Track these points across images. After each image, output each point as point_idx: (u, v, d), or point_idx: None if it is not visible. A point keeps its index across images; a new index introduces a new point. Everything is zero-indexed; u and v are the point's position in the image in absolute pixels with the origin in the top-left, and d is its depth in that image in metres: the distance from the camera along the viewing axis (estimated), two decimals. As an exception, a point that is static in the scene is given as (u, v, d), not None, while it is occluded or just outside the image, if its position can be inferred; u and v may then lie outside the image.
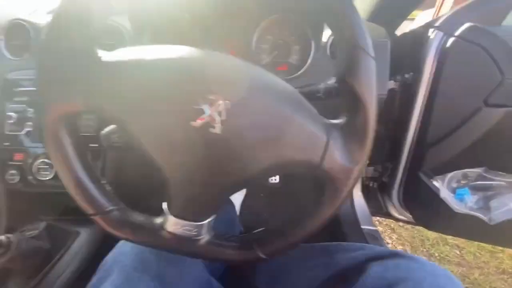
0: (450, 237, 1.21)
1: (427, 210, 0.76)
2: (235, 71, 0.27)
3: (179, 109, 0.26)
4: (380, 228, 1.26)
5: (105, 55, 0.27)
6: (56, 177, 0.52)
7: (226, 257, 0.32)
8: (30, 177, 0.52)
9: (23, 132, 0.52)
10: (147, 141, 0.27)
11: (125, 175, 0.37)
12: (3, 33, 0.57)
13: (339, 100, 0.35)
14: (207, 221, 0.31)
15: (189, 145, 0.27)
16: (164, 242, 0.31)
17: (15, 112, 0.52)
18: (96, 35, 0.28)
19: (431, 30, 0.65)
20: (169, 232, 0.31)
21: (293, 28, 0.55)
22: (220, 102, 0.25)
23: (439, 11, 1.95)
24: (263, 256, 0.32)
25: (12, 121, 0.51)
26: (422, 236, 1.25)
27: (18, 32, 0.57)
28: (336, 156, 0.29)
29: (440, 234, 1.25)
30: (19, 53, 0.56)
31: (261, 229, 0.34)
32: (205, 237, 0.32)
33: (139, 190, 0.49)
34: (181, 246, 0.31)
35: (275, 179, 0.69)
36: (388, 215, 0.96)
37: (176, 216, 0.30)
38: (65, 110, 0.27)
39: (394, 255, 0.37)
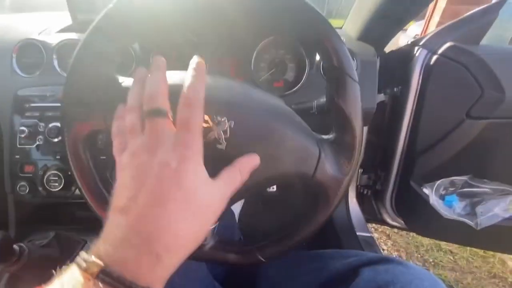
0: (443, 243, 1.24)
1: (418, 216, 0.79)
2: (239, 95, 0.31)
3: None
4: (375, 235, 1.29)
5: (125, 80, 0.31)
6: (65, 187, 0.54)
7: (229, 260, 0.35)
8: (40, 188, 0.55)
9: (33, 146, 0.55)
10: None
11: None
12: (15, 51, 0.60)
13: (330, 117, 0.39)
14: (211, 227, 0.35)
15: None
16: None
17: (27, 126, 0.55)
18: (116, 62, 0.31)
19: (416, 48, 0.70)
20: None
21: (288, 48, 0.59)
22: (226, 122, 0.29)
23: (428, 23, 2.04)
24: (262, 259, 0.35)
25: (23, 135, 0.54)
26: (416, 242, 1.28)
27: (30, 50, 0.61)
28: (328, 168, 0.32)
29: (434, 240, 1.28)
30: (31, 71, 0.60)
31: (260, 235, 0.37)
32: (210, 243, 0.35)
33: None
34: None
35: (273, 187, 0.72)
36: (382, 222, 1.00)
37: None
38: (87, 128, 0.31)
39: (385, 260, 0.40)
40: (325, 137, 0.34)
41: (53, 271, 0.46)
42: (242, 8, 0.38)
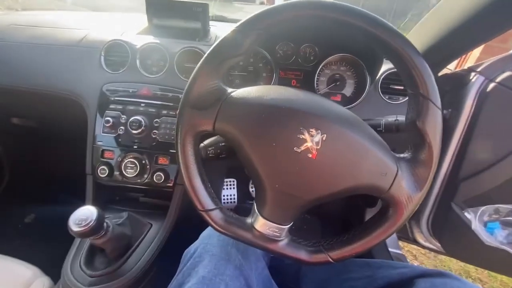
0: (473, 270, 1.21)
1: (457, 241, 0.79)
2: (331, 110, 0.35)
3: (287, 137, 0.34)
4: (402, 253, 1.28)
5: (234, 92, 0.36)
6: (138, 174, 0.61)
7: (300, 257, 0.39)
8: (117, 173, 0.62)
9: (115, 135, 0.62)
10: (257, 158, 0.35)
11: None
12: (104, 50, 0.68)
13: (396, 135, 0.42)
14: (288, 226, 0.39)
15: (290, 165, 0.34)
16: (252, 238, 0.39)
17: (111, 117, 0.62)
18: (226, 75, 0.37)
19: (472, 74, 0.71)
20: (258, 231, 0.38)
21: (350, 65, 0.63)
22: (319, 134, 0.33)
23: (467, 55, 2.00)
24: (331, 260, 0.39)
25: (108, 125, 0.61)
26: (444, 266, 1.25)
27: (116, 50, 0.68)
28: (403, 184, 0.36)
29: (463, 266, 1.25)
30: (115, 68, 0.67)
31: (332, 237, 0.41)
32: (285, 239, 0.39)
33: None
34: (266, 244, 0.39)
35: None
36: (414, 241, 0.99)
37: (266, 218, 0.38)
38: (197, 129, 0.36)
39: (441, 274, 0.42)
40: (402, 155, 0.37)
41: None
42: (325, 29, 0.42)
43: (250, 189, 1.09)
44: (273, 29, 0.34)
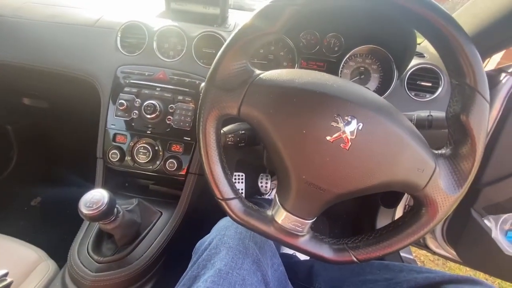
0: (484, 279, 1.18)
1: (474, 248, 0.76)
2: (369, 99, 0.33)
3: (319, 124, 0.31)
4: (410, 259, 1.25)
5: (262, 73, 0.33)
6: (150, 161, 0.59)
7: (323, 255, 0.37)
8: (128, 158, 0.60)
9: (128, 119, 0.60)
10: (284, 146, 0.33)
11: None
12: (120, 31, 0.66)
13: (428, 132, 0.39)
14: (311, 221, 0.36)
15: (320, 155, 0.32)
16: (272, 232, 0.36)
17: (125, 100, 0.60)
18: (253, 57, 0.34)
19: (503, 75, 0.67)
20: (278, 224, 0.36)
21: (376, 58, 0.60)
22: (354, 123, 0.31)
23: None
24: (356, 260, 0.36)
25: (121, 108, 0.59)
26: (453, 274, 1.22)
27: (133, 31, 0.66)
28: (440, 183, 0.33)
29: (472, 275, 1.22)
30: (131, 50, 0.65)
31: (357, 236, 0.38)
32: (306, 235, 0.37)
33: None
34: (286, 238, 0.36)
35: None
36: (424, 247, 0.96)
37: (288, 211, 0.35)
38: (221, 112, 0.34)
39: (473, 281, 0.39)
40: (440, 151, 0.34)
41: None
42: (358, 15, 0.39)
43: (259, 184, 1.07)
44: (311, 6, 0.32)
